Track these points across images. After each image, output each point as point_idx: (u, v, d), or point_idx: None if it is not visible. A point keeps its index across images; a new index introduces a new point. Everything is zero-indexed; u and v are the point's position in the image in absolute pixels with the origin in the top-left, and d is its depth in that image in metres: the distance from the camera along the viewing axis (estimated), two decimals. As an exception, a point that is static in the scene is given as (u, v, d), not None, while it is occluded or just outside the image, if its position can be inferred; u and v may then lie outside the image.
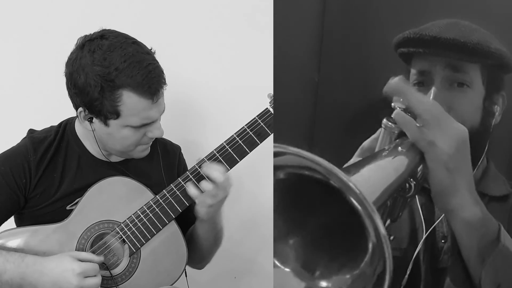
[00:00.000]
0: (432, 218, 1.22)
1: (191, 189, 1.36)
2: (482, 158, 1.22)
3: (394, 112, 1.01)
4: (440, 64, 1.19)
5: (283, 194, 0.97)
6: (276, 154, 0.91)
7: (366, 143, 1.10)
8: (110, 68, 1.27)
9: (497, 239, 1.03)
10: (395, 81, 1.01)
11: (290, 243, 1.00)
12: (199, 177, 1.37)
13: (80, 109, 1.33)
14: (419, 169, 1.04)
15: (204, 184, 1.34)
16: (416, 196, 1.21)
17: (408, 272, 1.19)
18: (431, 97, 1.17)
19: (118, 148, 1.39)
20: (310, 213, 0.99)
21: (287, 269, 1.00)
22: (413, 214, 1.24)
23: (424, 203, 1.23)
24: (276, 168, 0.94)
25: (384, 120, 1.05)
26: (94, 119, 1.34)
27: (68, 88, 1.34)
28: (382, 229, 0.81)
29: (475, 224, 1.02)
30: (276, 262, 1.00)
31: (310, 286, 0.99)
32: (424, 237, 1.20)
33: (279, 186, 0.97)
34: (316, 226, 1.00)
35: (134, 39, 1.33)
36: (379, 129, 1.07)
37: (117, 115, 1.31)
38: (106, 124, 1.33)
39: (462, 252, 1.05)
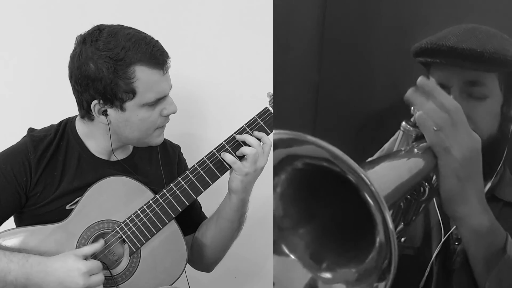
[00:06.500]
0: (447, 219, 1.22)
1: (228, 156, 1.39)
2: (500, 164, 1.21)
3: (417, 114, 1.02)
4: (458, 78, 1.19)
5: (297, 183, 0.99)
6: (293, 143, 0.92)
7: (386, 145, 1.12)
8: (117, 49, 1.30)
9: (503, 249, 1.04)
10: (422, 81, 1.02)
11: (300, 232, 1.02)
12: (234, 147, 1.40)
13: (95, 101, 1.34)
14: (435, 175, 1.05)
15: (244, 149, 1.38)
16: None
17: (426, 273, 1.20)
18: None
19: (136, 135, 1.39)
20: (322, 205, 1.01)
21: (295, 258, 1.02)
22: (428, 214, 1.25)
23: (441, 204, 1.23)
24: (295, 157, 0.95)
25: (403, 123, 1.07)
26: (109, 110, 1.35)
27: (78, 84, 1.34)
28: (390, 225, 0.84)
29: (482, 232, 1.03)
30: (285, 250, 1.02)
31: (316, 277, 1.00)
32: (444, 238, 1.21)
33: (295, 176, 0.98)
34: (327, 218, 1.02)
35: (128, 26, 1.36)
36: (398, 131, 1.08)
37: (133, 93, 1.32)
38: (122, 109, 1.34)
39: (469, 260, 1.07)
